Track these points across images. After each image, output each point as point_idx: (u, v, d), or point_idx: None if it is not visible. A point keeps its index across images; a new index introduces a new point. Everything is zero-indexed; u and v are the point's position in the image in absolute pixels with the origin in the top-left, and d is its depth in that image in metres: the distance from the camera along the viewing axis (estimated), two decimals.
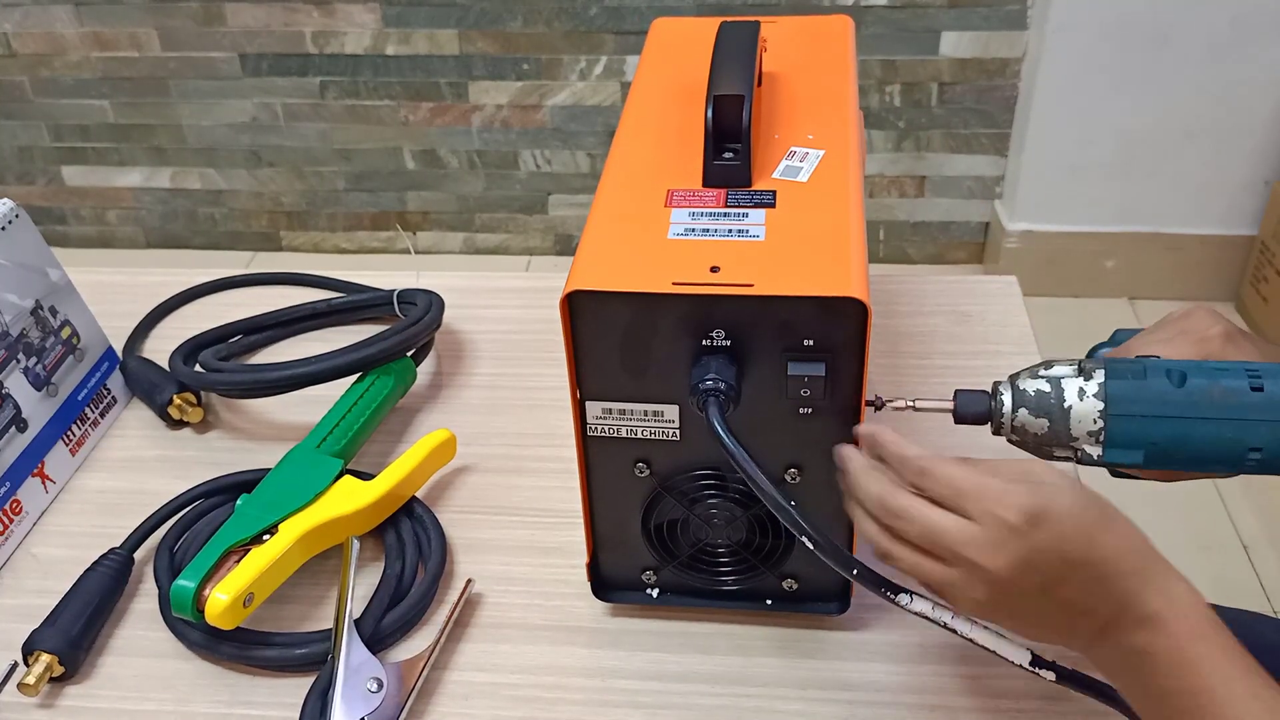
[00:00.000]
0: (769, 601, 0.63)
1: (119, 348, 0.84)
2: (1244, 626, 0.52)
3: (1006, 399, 0.54)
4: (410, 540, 0.68)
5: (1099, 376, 0.52)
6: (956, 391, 0.56)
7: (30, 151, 2.27)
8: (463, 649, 0.63)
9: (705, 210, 0.56)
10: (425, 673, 0.60)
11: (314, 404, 0.76)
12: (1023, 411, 0.54)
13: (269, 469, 0.69)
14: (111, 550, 0.67)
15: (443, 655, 0.62)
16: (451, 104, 2.11)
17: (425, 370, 0.84)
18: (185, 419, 0.79)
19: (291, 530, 0.64)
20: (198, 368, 0.78)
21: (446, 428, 0.73)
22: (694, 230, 0.55)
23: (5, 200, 0.73)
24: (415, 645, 0.63)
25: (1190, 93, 1.87)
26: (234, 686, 0.62)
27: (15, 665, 0.62)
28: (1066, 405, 0.53)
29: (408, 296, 0.84)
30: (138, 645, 0.64)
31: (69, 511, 0.74)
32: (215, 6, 2.04)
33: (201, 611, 0.60)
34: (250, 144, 2.20)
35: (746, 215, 0.56)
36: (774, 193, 0.57)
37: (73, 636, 0.62)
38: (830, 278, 0.51)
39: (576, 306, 0.53)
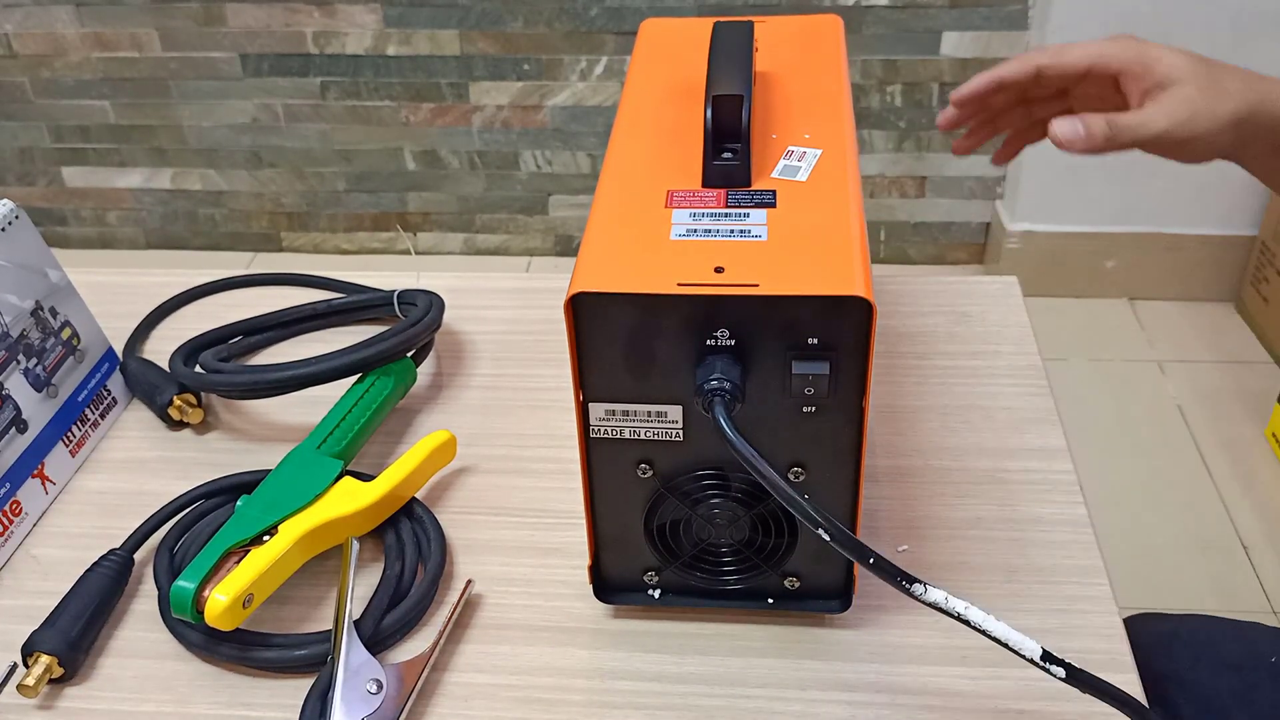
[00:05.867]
0: (770, 600, 0.63)
1: (119, 349, 0.84)
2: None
3: None
4: (410, 541, 0.67)
5: None
6: None
7: (31, 152, 2.27)
8: (462, 650, 0.63)
9: (706, 211, 0.56)
10: (425, 674, 0.60)
11: (314, 405, 0.76)
12: None
13: (269, 470, 0.69)
14: (111, 551, 0.67)
15: (442, 656, 0.62)
16: (452, 104, 2.11)
17: (425, 371, 0.84)
18: (185, 420, 0.79)
19: (291, 531, 0.64)
20: (198, 369, 0.78)
21: (447, 429, 0.72)
22: (696, 231, 0.55)
23: (5, 201, 0.73)
24: (415, 646, 0.63)
25: None
26: (233, 688, 0.62)
27: (14, 666, 0.62)
28: None
29: (408, 297, 0.84)
30: (137, 646, 0.64)
31: (69, 513, 0.73)
32: (216, 7, 2.04)
33: (201, 612, 0.60)
34: (251, 145, 2.20)
35: (748, 215, 0.55)
36: (774, 192, 0.57)
37: (72, 638, 0.62)
38: (835, 277, 0.51)
39: (581, 308, 0.52)
